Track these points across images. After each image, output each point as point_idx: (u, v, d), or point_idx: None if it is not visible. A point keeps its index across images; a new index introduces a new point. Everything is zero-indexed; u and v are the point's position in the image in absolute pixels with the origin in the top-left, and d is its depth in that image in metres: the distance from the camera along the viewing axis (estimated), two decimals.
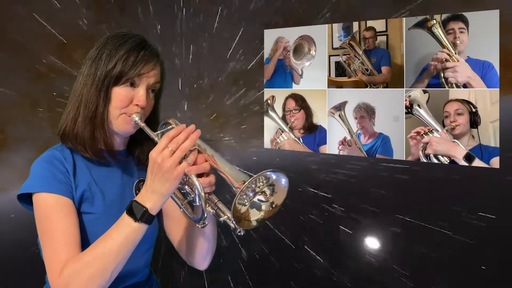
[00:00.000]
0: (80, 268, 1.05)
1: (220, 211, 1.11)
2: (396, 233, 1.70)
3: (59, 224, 1.11)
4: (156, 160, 1.06)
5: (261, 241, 1.92)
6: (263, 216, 1.08)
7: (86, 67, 1.20)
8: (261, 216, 1.08)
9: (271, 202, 1.08)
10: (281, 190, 1.08)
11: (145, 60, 1.18)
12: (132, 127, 1.21)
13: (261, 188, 1.07)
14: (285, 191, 1.08)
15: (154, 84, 1.22)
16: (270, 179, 1.06)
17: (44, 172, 1.16)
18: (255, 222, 1.08)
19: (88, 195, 1.20)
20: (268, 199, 1.08)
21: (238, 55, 1.95)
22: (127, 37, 1.20)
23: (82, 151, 1.20)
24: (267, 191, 1.08)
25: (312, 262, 1.84)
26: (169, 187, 1.07)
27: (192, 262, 1.35)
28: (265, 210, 1.08)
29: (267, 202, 1.08)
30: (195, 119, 2.01)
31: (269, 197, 1.08)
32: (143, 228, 1.08)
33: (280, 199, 1.09)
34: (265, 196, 1.08)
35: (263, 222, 1.08)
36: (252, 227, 1.08)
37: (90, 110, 1.17)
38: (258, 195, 1.07)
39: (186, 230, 1.32)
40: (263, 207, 1.08)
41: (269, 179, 1.06)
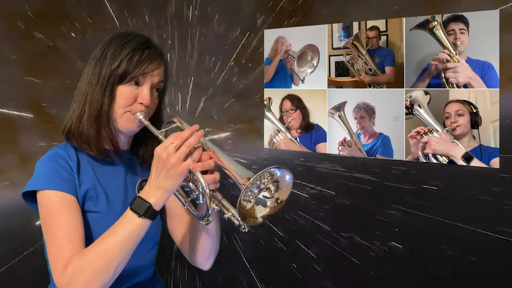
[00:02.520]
0: (84, 265, 1.05)
1: (225, 208, 1.12)
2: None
3: (62, 221, 1.12)
4: (162, 156, 1.06)
5: (261, 241, 1.92)
6: (268, 212, 1.09)
7: (90, 66, 1.20)
8: (266, 212, 1.09)
9: (276, 198, 1.09)
10: (286, 186, 1.09)
11: (149, 59, 1.18)
12: (136, 125, 1.21)
13: (266, 185, 1.07)
14: (289, 187, 1.09)
15: (158, 83, 1.22)
16: (274, 175, 1.07)
17: (48, 170, 1.16)
18: (261, 218, 1.09)
19: (92, 193, 1.20)
20: (273, 195, 1.09)
21: (238, 55, 1.94)
22: (132, 37, 1.21)
23: (87, 149, 1.20)
24: (272, 188, 1.08)
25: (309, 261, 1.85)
26: (173, 183, 1.07)
27: (195, 262, 1.35)
28: (270, 206, 1.09)
29: (272, 198, 1.09)
30: (194, 119, 2.00)
31: (274, 193, 1.09)
32: (147, 224, 1.08)
33: (285, 195, 1.09)
34: (270, 192, 1.09)
35: (269, 218, 1.09)
36: (258, 224, 1.09)
37: (95, 109, 1.18)
38: (263, 191, 1.08)
39: (189, 228, 1.32)
40: (268, 203, 1.09)
41: (273, 176, 1.07)
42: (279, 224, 1.90)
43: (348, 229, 1.80)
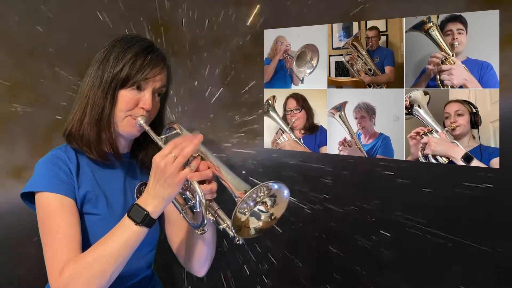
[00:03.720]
0: (80, 269, 1.06)
1: (220, 218, 1.13)
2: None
3: (60, 224, 1.13)
4: (159, 164, 1.07)
5: (260, 241, 1.92)
6: (261, 226, 1.10)
7: (93, 69, 1.21)
8: (258, 226, 1.10)
9: (270, 213, 1.10)
10: (283, 202, 1.09)
11: (152, 64, 1.19)
12: (136, 130, 1.22)
13: (262, 198, 1.08)
14: (285, 203, 1.09)
15: (160, 88, 1.23)
16: (271, 189, 1.07)
17: (47, 171, 1.18)
18: (253, 230, 1.09)
19: (91, 196, 1.21)
20: (268, 210, 1.09)
21: (238, 55, 1.94)
22: (135, 41, 1.21)
23: (87, 152, 1.21)
24: (268, 202, 1.09)
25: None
26: (171, 192, 1.08)
27: (190, 268, 1.36)
28: (263, 221, 1.10)
29: (266, 213, 1.10)
30: (194, 119, 2.00)
31: (269, 208, 1.09)
32: (144, 232, 1.09)
33: (280, 212, 1.10)
34: (266, 207, 1.09)
35: (261, 232, 1.10)
36: (251, 236, 1.09)
37: (96, 112, 1.19)
38: (259, 205, 1.08)
39: (186, 234, 1.33)
40: (262, 217, 1.10)
41: (270, 190, 1.07)
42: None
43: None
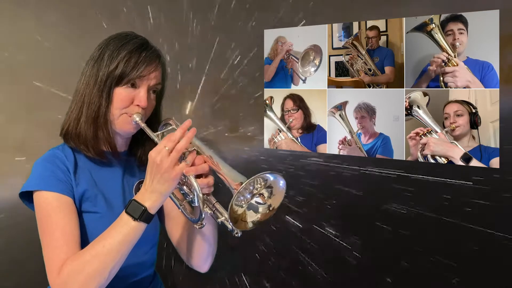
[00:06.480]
0: (79, 267, 1.06)
1: (218, 212, 1.13)
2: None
3: (59, 222, 1.13)
4: (155, 160, 1.07)
5: (260, 241, 1.92)
6: (259, 218, 1.09)
7: (88, 68, 1.21)
8: (257, 218, 1.09)
9: (268, 204, 1.09)
10: (279, 193, 1.09)
11: (146, 61, 1.19)
12: (132, 127, 1.22)
13: (259, 190, 1.07)
14: (282, 194, 1.09)
15: (155, 85, 1.23)
16: (268, 181, 1.07)
17: (44, 170, 1.18)
18: (251, 223, 1.09)
19: (90, 194, 1.21)
20: (266, 201, 1.09)
21: (238, 55, 1.94)
22: (130, 38, 1.21)
23: (84, 150, 1.21)
24: (265, 194, 1.09)
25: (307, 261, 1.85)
26: (167, 187, 1.08)
27: (192, 264, 1.35)
28: (261, 213, 1.09)
29: (264, 205, 1.09)
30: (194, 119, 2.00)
31: (266, 200, 1.09)
32: (142, 227, 1.09)
33: (277, 202, 1.10)
34: (263, 198, 1.09)
35: (259, 224, 1.09)
36: (248, 229, 1.09)
37: (92, 111, 1.19)
38: (256, 197, 1.08)
39: (186, 230, 1.33)
40: (260, 209, 1.09)
41: (267, 181, 1.07)
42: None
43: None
